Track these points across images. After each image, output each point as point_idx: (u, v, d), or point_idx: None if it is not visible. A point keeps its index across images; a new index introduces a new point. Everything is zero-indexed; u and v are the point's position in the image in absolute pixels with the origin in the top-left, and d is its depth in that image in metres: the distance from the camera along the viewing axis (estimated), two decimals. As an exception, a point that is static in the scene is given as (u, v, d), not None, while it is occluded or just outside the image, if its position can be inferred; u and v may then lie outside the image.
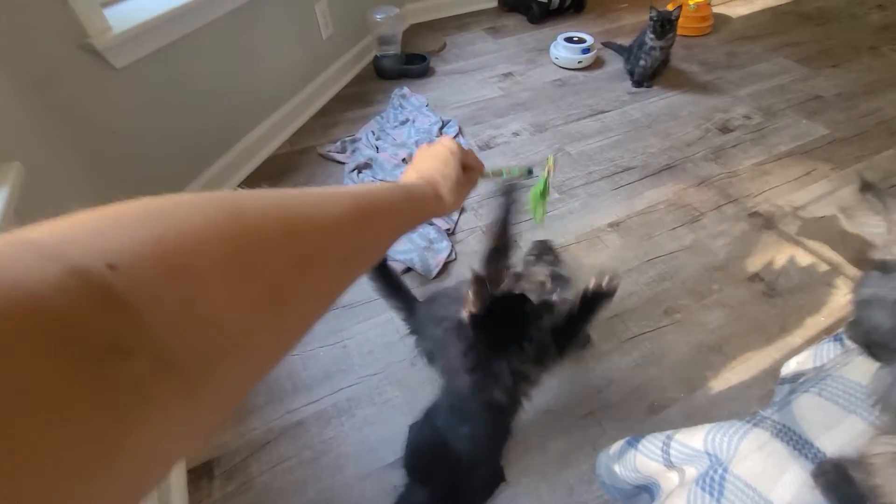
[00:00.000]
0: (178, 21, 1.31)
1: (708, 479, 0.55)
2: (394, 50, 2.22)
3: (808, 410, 0.52)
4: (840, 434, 0.48)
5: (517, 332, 0.66)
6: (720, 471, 0.53)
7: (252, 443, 1.03)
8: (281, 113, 1.85)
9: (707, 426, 0.58)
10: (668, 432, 0.66)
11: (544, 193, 0.71)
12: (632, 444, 0.73)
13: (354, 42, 2.28)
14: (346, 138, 1.84)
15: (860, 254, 1.36)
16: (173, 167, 1.46)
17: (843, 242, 1.39)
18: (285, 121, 1.89)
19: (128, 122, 1.28)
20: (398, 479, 0.96)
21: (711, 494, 0.54)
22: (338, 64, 2.15)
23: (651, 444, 0.68)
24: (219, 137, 1.61)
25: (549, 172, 0.70)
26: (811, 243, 1.41)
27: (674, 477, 0.66)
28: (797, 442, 0.49)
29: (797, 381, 0.72)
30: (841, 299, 1.26)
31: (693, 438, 0.59)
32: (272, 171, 1.76)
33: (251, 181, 1.72)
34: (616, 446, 0.77)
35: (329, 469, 0.98)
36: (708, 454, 0.56)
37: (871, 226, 0.83)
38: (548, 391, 1.08)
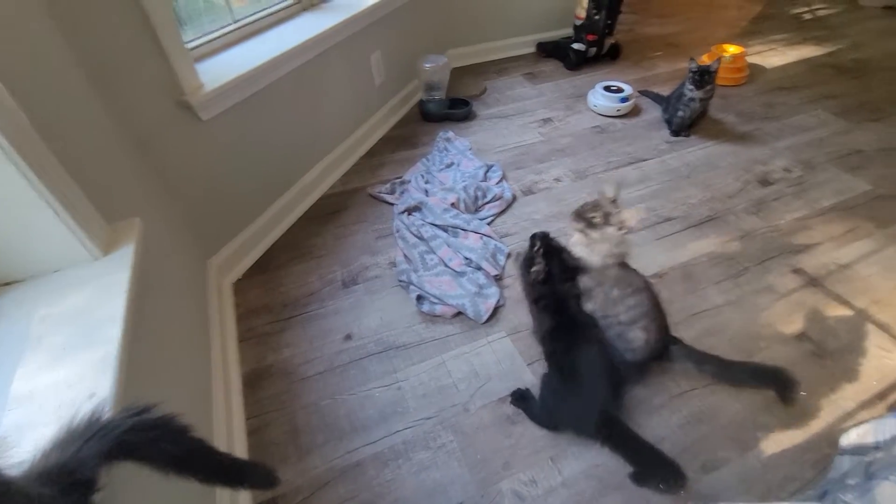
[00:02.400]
0: (256, 78, 1.43)
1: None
2: (439, 95, 2.34)
3: (892, 500, 0.54)
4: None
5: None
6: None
7: (313, 481, 1.07)
8: (334, 155, 1.96)
9: (784, 504, 0.61)
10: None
11: None
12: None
13: (402, 86, 2.41)
14: (396, 180, 1.93)
15: (910, 316, 1.36)
16: (241, 205, 1.56)
17: (891, 305, 1.40)
18: (337, 162, 2.00)
19: (207, 167, 1.39)
20: (455, 526, 0.99)
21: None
22: (386, 107, 2.28)
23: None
24: (280, 178, 1.72)
25: None
26: (858, 303, 1.41)
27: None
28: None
29: (863, 457, 0.73)
30: (890, 362, 1.26)
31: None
32: (325, 210, 1.85)
33: (306, 219, 1.81)
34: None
35: (388, 512, 1.02)
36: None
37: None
38: (598, 449, 1.11)
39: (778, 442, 1.11)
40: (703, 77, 2.01)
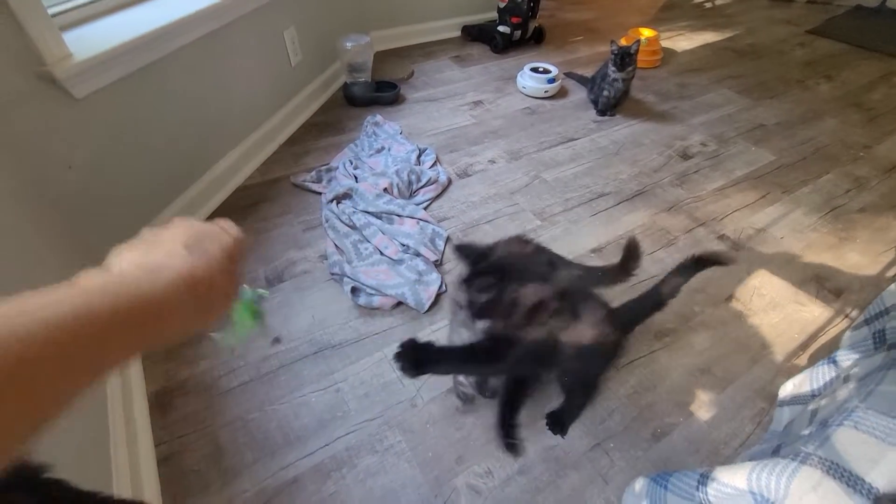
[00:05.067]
0: (143, 49, 1.23)
1: (758, 521, 0.55)
2: (364, 77, 2.21)
3: (851, 446, 0.53)
4: (887, 467, 0.50)
5: None
6: (772, 512, 0.53)
7: (243, 508, 0.93)
8: (250, 142, 1.77)
9: (748, 464, 0.58)
10: (701, 471, 0.66)
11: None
12: (659, 482, 0.72)
13: (323, 69, 2.24)
14: (322, 167, 1.78)
15: (818, 272, 1.47)
16: (139, 200, 1.35)
17: (803, 262, 1.50)
18: (254, 150, 1.81)
19: (88, 155, 1.17)
20: (409, 534, 0.90)
21: (764, 537, 0.54)
22: (307, 91, 2.10)
23: (684, 484, 0.67)
24: (186, 168, 1.51)
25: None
26: (774, 263, 1.50)
27: (708, 515, 0.65)
28: (849, 478, 0.50)
29: (804, 406, 0.74)
30: (807, 315, 1.35)
31: (735, 478, 0.59)
32: (244, 202, 1.66)
33: (222, 212, 1.61)
34: (640, 485, 0.76)
35: (333, 530, 0.91)
36: (752, 493, 0.56)
37: None
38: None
39: (717, 402, 1.14)
40: (625, 58, 2.06)
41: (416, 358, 0.80)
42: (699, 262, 1.12)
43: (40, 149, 1.05)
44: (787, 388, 0.92)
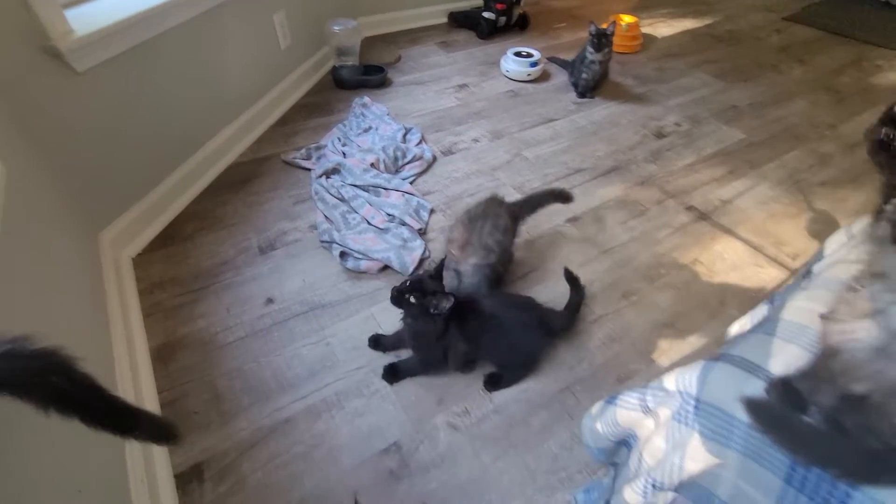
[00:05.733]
0: (140, 26, 1.30)
1: (682, 413, 0.64)
2: (352, 61, 2.28)
3: (757, 345, 0.63)
4: (782, 359, 0.60)
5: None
6: (692, 402, 0.62)
7: (241, 443, 1.02)
8: (242, 121, 1.84)
9: (677, 370, 0.68)
10: (643, 385, 0.75)
11: None
12: (611, 401, 0.82)
13: (312, 52, 2.31)
14: (311, 146, 1.85)
15: (778, 239, 1.57)
16: (139, 171, 1.42)
17: (765, 229, 1.61)
18: (246, 128, 1.88)
19: (89, 127, 1.24)
20: (394, 463, 1.00)
21: (687, 424, 0.63)
22: (296, 73, 2.17)
23: (629, 397, 0.77)
24: (181, 144, 1.58)
25: None
26: (738, 231, 1.61)
27: (650, 423, 0.75)
28: (751, 367, 0.59)
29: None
30: (765, 276, 1.45)
31: (666, 382, 0.69)
32: (235, 178, 1.74)
33: (215, 187, 1.69)
34: (597, 406, 0.86)
35: (323, 461, 1.00)
36: (679, 392, 0.65)
37: None
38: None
39: (679, 350, 1.24)
40: (601, 39, 2.14)
41: (395, 372, 1.14)
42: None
43: (46, 119, 1.12)
44: (734, 329, 1.02)
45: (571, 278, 1.27)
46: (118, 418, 0.54)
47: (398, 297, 0.98)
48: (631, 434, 0.82)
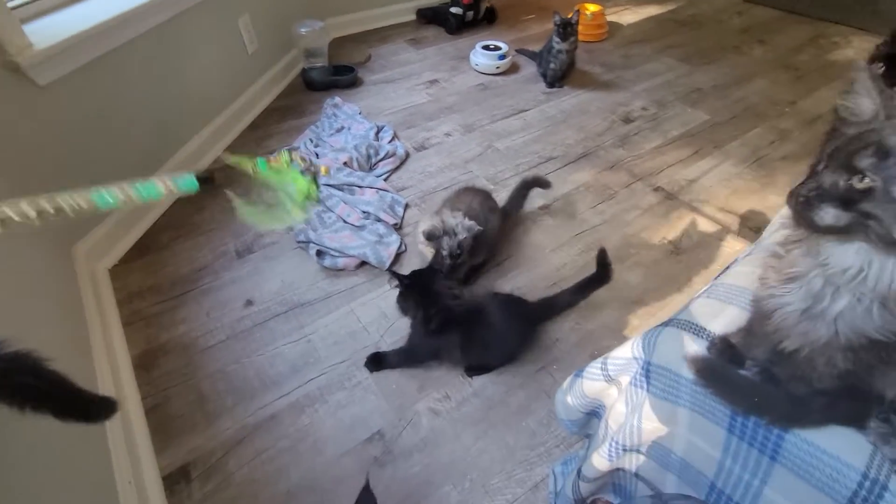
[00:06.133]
0: (101, 37, 1.30)
1: (637, 377, 0.69)
2: (321, 62, 2.28)
3: (700, 308, 0.67)
4: (723, 319, 0.64)
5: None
6: (644, 366, 0.67)
7: (226, 442, 1.04)
8: (212, 127, 1.84)
9: (633, 338, 0.72)
10: (605, 355, 0.79)
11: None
12: (578, 374, 0.86)
13: (280, 55, 2.31)
14: (284, 149, 1.86)
15: (741, 214, 1.63)
16: (106, 184, 1.42)
17: (729, 205, 1.67)
18: (217, 135, 1.88)
19: (54, 140, 1.24)
20: (377, 450, 1.03)
21: (641, 387, 0.67)
22: (266, 77, 2.17)
23: (593, 369, 0.81)
24: (152, 152, 1.58)
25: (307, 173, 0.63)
26: (703, 208, 1.66)
27: (613, 392, 0.79)
28: (696, 329, 0.64)
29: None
30: (729, 250, 1.51)
31: (623, 350, 0.73)
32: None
33: (189, 195, 1.69)
34: (567, 381, 0.90)
35: (308, 453, 1.02)
36: (635, 359, 0.70)
37: None
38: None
39: (648, 325, 1.26)
40: (566, 29, 2.18)
41: (378, 361, 1.18)
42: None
43: (9, 133, 1.12)
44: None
45: (602, 263, 1.27)
46: (88, 408, 0.56)
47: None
48: (599, 404, 0.86)
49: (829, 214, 0.41)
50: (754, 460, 0.56)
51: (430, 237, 1.22)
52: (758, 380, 0.56)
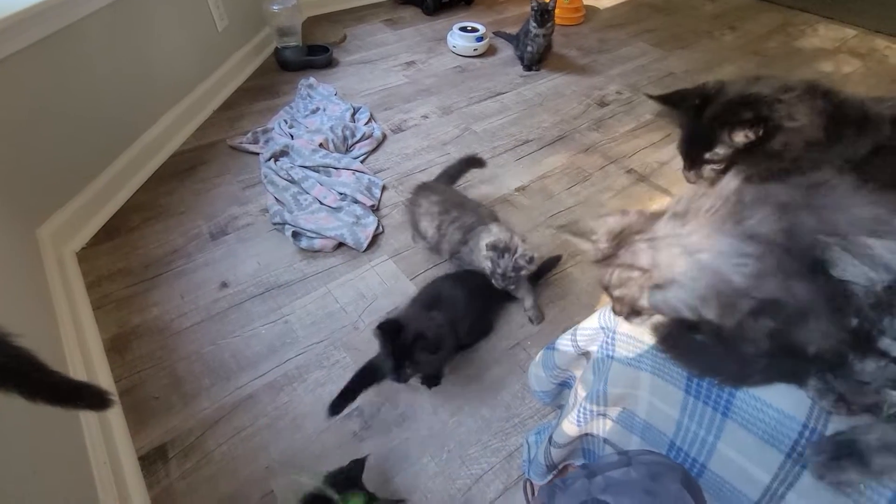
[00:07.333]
0: (51, 13, 1.23)
1: (604, 346, 0.72)
2: (295, 41, 2.23)
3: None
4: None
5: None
6: (611, 335, 0.70)
7: (204, 421, 1.04)
8: (182, 107, 1.79)
9: (600, 309, 0.75)
10: (575, 326, 0.82)
11: None
12: (550, 347, 0.89)
13: (252, 34, 2.25)
14: (258, 129, 1.83)
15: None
16: (72, 166, 1.37)
17: (697, 187, 1.72)
18: (187, 115, 1.83)
19: (6, 121, 1.18)
20: (356, 426, 1.05)
21: (608, 355, 0.71)
22: (237, 56, 2.12)
23: (564, 340, 0.84)
24: (116, 134, 1.53)
25: None
26: (673, 189, 1.72)
27: (583, 362, 0.83)
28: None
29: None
30: (698, 231, 1.57)
31: (591, 321, 0.76)
32: (181, 166, 1.70)
33: (159, 177, 1.65)
34: (540, 354, 0.93)
35: (287, 430, 1.04)
36: (602, 328, 0.73)
37: None
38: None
39: (620, 302, 1.33)
40: (544, 14, 2.18)
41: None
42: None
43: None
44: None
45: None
46: (56, 389, 0.55)
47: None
48: (570, 375, 0.89)
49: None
50: (709, 418, 0.60)
51: (494, 248, 1.18)
52: (710, 343, 0.59)
